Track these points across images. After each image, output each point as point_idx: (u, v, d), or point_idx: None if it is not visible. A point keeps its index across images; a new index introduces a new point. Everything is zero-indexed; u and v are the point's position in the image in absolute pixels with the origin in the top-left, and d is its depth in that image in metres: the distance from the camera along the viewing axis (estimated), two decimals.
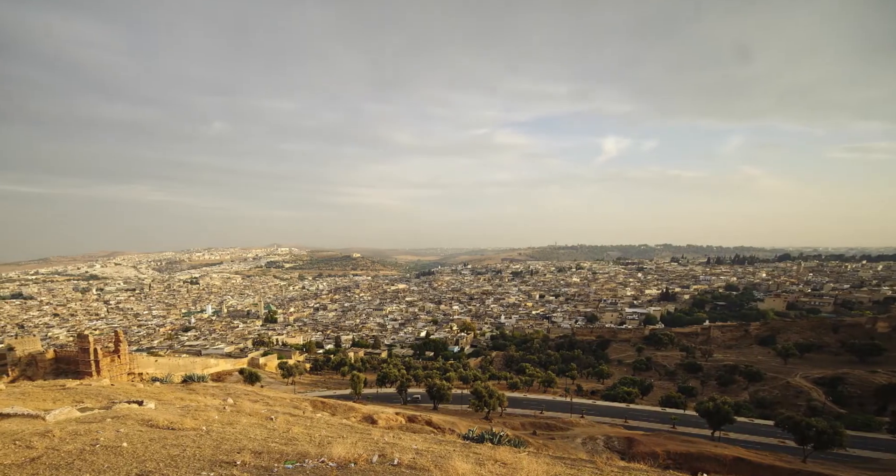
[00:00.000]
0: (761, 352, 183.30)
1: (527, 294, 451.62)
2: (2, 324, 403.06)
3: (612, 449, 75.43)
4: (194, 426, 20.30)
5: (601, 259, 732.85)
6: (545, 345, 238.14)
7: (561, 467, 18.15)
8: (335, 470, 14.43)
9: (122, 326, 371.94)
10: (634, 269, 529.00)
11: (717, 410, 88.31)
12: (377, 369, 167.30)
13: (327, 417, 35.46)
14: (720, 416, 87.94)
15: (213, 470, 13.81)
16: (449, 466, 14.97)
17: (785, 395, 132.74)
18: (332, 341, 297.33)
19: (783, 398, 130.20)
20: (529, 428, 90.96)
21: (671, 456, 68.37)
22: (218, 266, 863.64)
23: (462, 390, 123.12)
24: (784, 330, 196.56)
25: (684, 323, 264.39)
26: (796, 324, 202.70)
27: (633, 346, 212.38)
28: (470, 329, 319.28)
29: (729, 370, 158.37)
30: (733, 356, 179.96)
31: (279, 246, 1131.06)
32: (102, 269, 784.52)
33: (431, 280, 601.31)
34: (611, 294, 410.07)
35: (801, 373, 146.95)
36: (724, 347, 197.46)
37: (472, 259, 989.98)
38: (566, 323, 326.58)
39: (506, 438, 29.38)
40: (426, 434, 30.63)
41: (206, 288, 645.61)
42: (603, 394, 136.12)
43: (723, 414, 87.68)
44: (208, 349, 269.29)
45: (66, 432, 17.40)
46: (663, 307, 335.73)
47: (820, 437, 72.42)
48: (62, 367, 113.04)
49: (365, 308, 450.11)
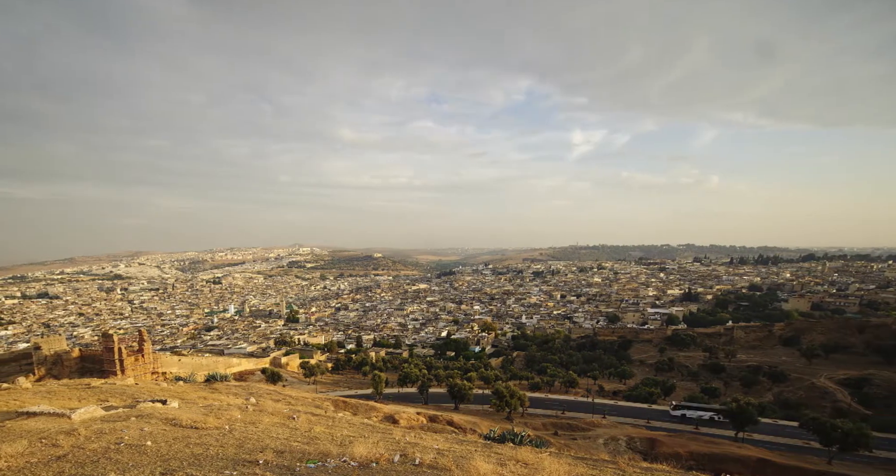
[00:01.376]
0: (785, 352, 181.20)
1: (548, 294, 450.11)
2: (28, 323, 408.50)
3: (635, 450, 75.05)
4: (217, 425, 20.42)
5: (623, 259, 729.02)
6: (567, 345, 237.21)
7: (583, 468, 18.08)
8: (357, 469, 14.48)
9: (146, 326, 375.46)
10: (656, 270, 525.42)
11: (740, 411, 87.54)
12: (398, 369, 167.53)
13: (349, 417, 35.55)
14: (744, 417, 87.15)
15: (236, 469, 13.89)
16: (470, 466, 14.96)
17: (810, 396, 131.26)
18: (354, 341, 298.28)
19: (808, 399, 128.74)
20: (551, 428, 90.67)
21: (694, 457, 67.85)
22: (240, 266, 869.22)
23: (483, 390, 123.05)
24: (808, 330, 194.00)
25: (707, 323, 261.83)
26: (821, 324, 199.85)
27: (655, 346, 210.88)
28: (491, 329, 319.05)
29: (752, 371, 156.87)
30: (757, 357, 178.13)
31: (301, 246, 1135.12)
32: (127, 268, 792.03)
33: (452, 280, 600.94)
34: (633, 294, 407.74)
35: (826, 374, 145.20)
36: (748, 348, 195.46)
37: (492, 259, 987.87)
38: (588, 323, 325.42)
39: (527, 439, 29.30)
40: (447, 434, 30.62)
41: (229, 288, 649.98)
42: (625, 394, 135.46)
43: (746, 415, 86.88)
44: (231, 349, 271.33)
45: (92, 431, 17.57)
46: (686, 307, 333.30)
47: (845, 438, 71.59)
48: (87, 365, 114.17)
49: (386, 308, 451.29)
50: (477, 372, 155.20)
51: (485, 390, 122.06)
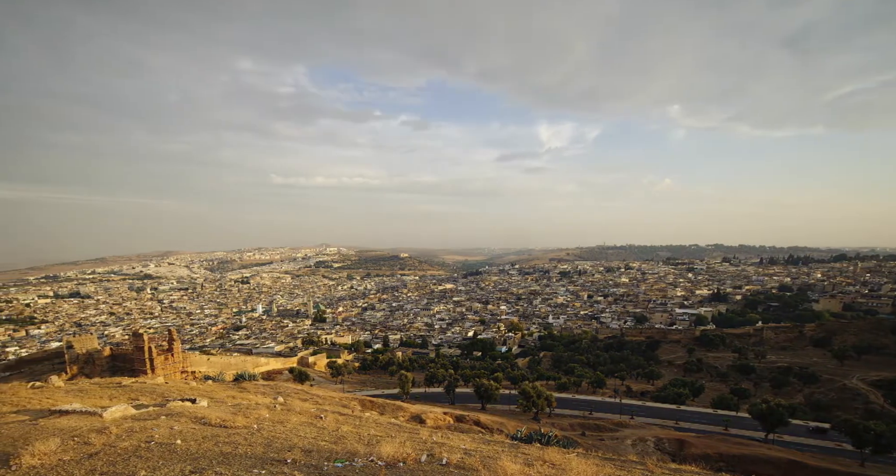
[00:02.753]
0: (816, 353, 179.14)
1: (575, 294, 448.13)
2: (60, 322, 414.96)
3: (663, 450, 74.43)
4: (245, 424, 20.56)
5: (650, 259, 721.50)
6: (594, 345, 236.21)
7: (610, 468, 17.99)
8: (384, 469, 14.52)
9: (176, 325, 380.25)
10: (685, 270, 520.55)
11: (770, 412, 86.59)
12: (425, 369, 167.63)
13: (376, 416, 35.63)
14: (774, 418, 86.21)
15: (264, 468, 13.98)
16: (497, 467, 14.94)
17: (841, 397, 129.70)
18: (381, 341, 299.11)
19: (839, 401, 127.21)
20: (578, 429, 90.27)
21: (724, 458, 67.11)
22: (268, 266, 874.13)
23: (510, 390, 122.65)
24: (840, 331, 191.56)
25: (736, 324, 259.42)
26: (853, 325, 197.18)
27: (683, 347, 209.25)
28: (517, 329, 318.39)
29: (783, 372, 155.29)
30: (787, 358, 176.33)
31: (328, 246, 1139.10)
32: (156, 268, 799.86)
33: (479, 280, 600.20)
34: (660, 294, 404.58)
35: (858, 375, 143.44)
36: (778, 349, 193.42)
37: (519, 259, 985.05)
38: (615, 323, 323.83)
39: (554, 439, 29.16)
40: (474, 434, 30.60)
41: (257, 287, 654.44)
42: (653, 395, 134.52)
43: (777, 416, 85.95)
44: (259, 348, 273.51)
45: (122, 429, 17.77)
46: (714, 308, 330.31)
47: (878, 440, 70.67)
48: (118, 364, 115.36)
49: (412, 308, 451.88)
50: (504, 372, 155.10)
51: (511, 390, 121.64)
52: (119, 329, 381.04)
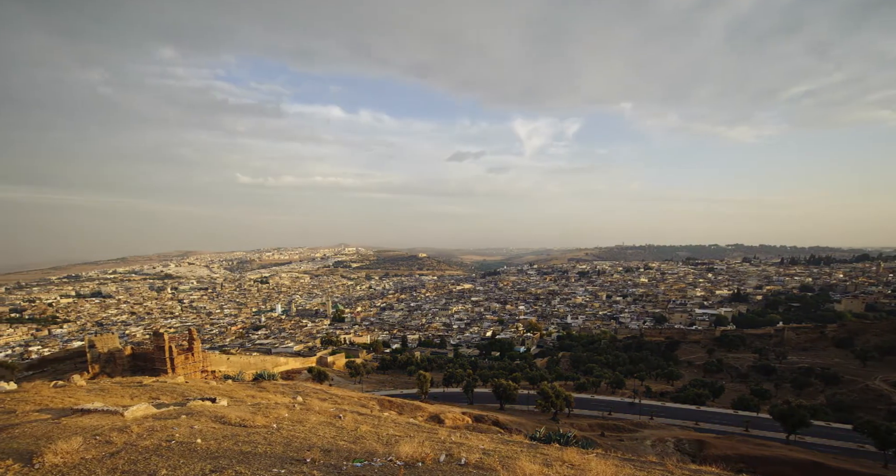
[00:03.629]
0: (838, 354, 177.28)
1: (593, 294, 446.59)
2: (82, 321, 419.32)
3: (683, 451, 74.06)
4: (265, 423, 20.63)
5: (670, 259, 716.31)
6: (613, 345, 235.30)
7: (630, 469, 17.90)
8: (403, 469, 14.50)
9: (196, 325, 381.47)
10: (704, 270, 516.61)
11: (792, 413, 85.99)
12: (443, 369, 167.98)
13: (394, 416, 35.65)
14: (795, 419, 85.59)
15: (283, 467, 14.01)
16: (516, 467, 14.88)
17: (864, 398, 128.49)
18: (399, 340, 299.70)
19: (862, 402, 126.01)
20: (597, 429, 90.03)
21: (744, 459, 66.61)
22: (287, 265, 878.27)
23: (529, 391, 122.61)
24: (862, 332, 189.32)
25: (757, 324, 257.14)
26: (876, 326, 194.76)
27: (703, 347, 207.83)
28: (536, 329, 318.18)
29: (804, 373, 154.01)
30: (808, 358, 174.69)
31: (346, 246, 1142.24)
32: (176, 268, 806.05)
33: (497, 280, 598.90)
34: (680, 295, 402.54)
35: (881, 376, 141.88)
36: (799, 350, 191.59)
37: (537, 259, 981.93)
38: (634, 324, 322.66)
39: (573, 439, 29.09)
40: (493, 434, 30.54)
41: (276, 287, 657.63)
42: (672, 395, 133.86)
43: (798, 417, 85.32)
44: (278, 347, 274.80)
45: (143, 428, 17.88)
46: (734, 308, 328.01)
47: None
48: (139, 364, 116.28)
49: (431, 308, 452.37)
50: (522, 372, 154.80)
51: (530, 391, 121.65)
52: (140, 328, 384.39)
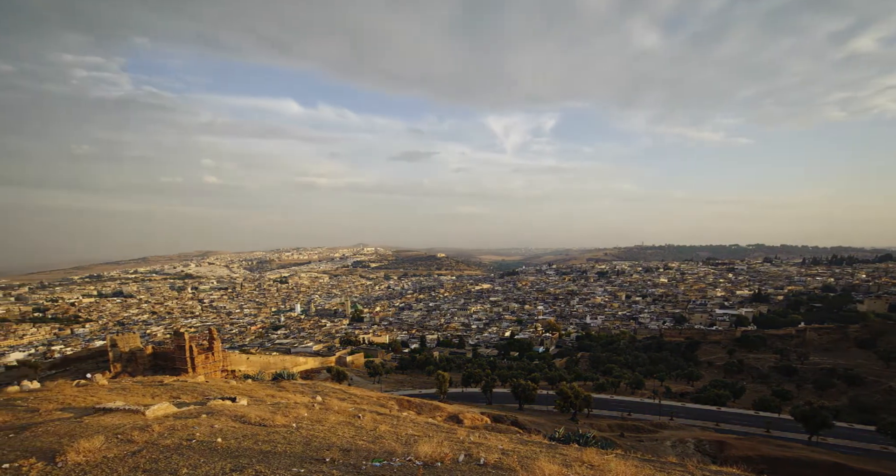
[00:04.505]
0: (861, 355, 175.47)
1: (612, 294, 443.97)
2: (104, 321, 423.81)
3: (704, 452, 73.59)
4: (285, 423, 20.73)
5: (690, 259, 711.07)
6: (632, 346, 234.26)
7: (650, 470, 17.81)
8: (422, 469, 14.52)
9: (216, 324, 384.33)
10: (725, 270, 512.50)
11: (814, 414, 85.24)
12: (462, 369, 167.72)
13: (413, 416, 35.67)
14: (818, 420, 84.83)
15: (303, 466, 14.06)
16: (535, 467, 14.83)
17: (887, 400, 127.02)
18: (418, 340, 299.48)
19: (885, 403, 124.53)
20: (617, 430, 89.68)
21: (766, 460, 66.09)
22: (306, 265, 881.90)
23: (548, 391, 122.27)
24: (886, 332, 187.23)
25: (778, 325, 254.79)
26: None
27: (723, 347, 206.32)
28: (555, 329, 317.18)
29: (826, 373, 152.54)
30: (831, 359, 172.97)
31: (365, 246, 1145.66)
32: (197, 268, 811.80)
33: (515, 280, 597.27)
34: (700, 295, 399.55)
35: None
36: (821, 350, 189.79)
37: (556, 259, 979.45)
38: (653, 324, 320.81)
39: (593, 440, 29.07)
40: (512, 434, 30.48)
41: (295, 287, 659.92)
42: (693, 396, 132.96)
43: (820, 418, 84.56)
44: (297, 347, 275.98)
45: (164, 427, 18.02)
46: (755, 308, 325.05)
47: None
48: (159, 363, 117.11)
49: (449, 308, 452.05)
50: (541, 372, 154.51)
51: (549, 391, 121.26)
52: (161, 328, 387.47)
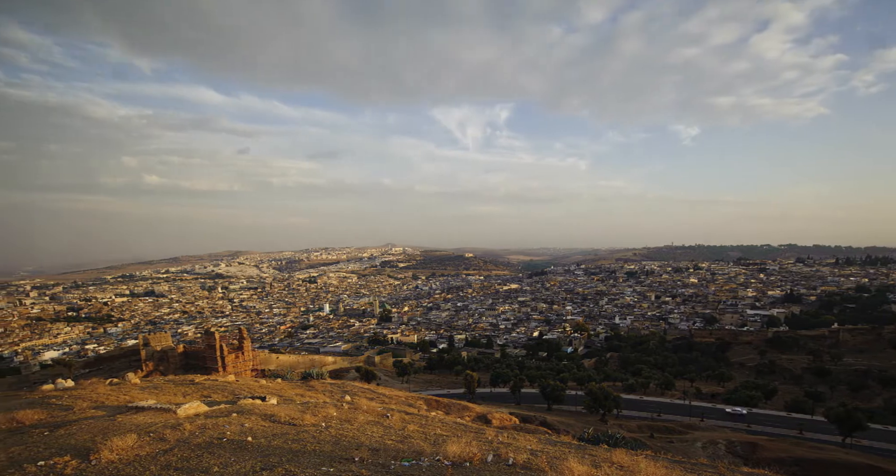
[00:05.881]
0: None
1: (642, 295, 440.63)
2: (136, 320, 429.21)
3: (735, 454, 72.82)
4: (314, 422, 20.83)
5: (720, 260, 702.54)
6: (662, 346, 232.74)
7: (680, 471, 17.69)
8: (451, 468, 14.49)
9: (246, 324, 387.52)
10: (756, 270, 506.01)
11: (848, 416, 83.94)
12: (490, 369, 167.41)
13: (441, 416, 35.68)
14: (852, 422, 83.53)
15: (332, 465, 14.11)
16: (564, 468, 14.76)
17: None
18: (446, 340, 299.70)
19: None
20: (646, 430, 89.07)
21: (799, 462, 65.27)
22: (334, 265, 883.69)
23: (576, 391, 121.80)
24: None
25: (810, 326, 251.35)
26: None
27: (754, 348, 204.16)
28: (583, 329, 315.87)
29: (861, 375, 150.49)
30: (865, 360, 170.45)
31: (393, 246, 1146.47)
32: (227, 268, 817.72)
33: (544, 280, 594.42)
34: (730, 295, 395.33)
35: None
36: (855, 351, 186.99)
37: (584, 259, 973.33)
38: (683, 324, 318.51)
39: (622, 440, 28.89)
40: (540, 435, 30.37)
41: (324, 287, 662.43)
42: (723, 397, 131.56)
43: (854, 420, 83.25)
44: (326, 347, 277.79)
45: (195, 426, 18.20)
46: (787, 309, 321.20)
47: None
48: (190, 362, 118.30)
49: (477, 308, 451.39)
50: (570, 373, 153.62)
51: (578, 391, 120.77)
52: (191, 327, 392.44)
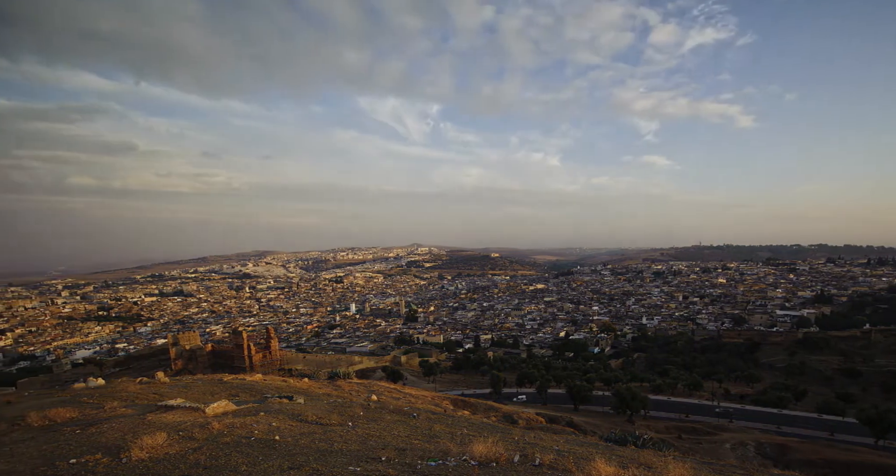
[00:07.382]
0: None
1: (669, 295, 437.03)
2: (165, 320, 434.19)
3: (764, 455, 71.96)
4: (340, 422, 20.93)
5: (749, 260, 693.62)
6: (689, 347, 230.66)
7: (708, 473, 17.49)
8: (477, 468, 14.45)
9: (273, 323, 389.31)
10: (786, 270, 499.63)
11: (880, 418, 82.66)
12: (516, 369, 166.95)
13: (467, 416, 35.72)
14: (884, 423, 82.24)
15: (359, 465, 14.14)
16: (591, 468, 14.63)
17: None
18: (472, 340, 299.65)
19: None
20: (674, 431, 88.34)
21: (829, 464, 64.33)
22: (361, 265, 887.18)
23: (603, 392, 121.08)
24: None
25: (841, 326, 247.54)
26: None
27: (784, 349, 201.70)
28: (610, 330, 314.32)
29: (893, 376, 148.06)
30: None
31: (419, 246, 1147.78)
32: (254, 267, 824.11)
33: (570, 280, 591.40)
34: (759, 296, 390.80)
35: None
36: (888, 353, 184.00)
37: (611, 259, 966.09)
38: (711, 325, 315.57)
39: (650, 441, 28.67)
40: (567, 435, 30.28)
41: (350, 287, 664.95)
42: (753, 398, 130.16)
43: (887, 422, 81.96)
44: (352, 347, 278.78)
45: (224, 425, 18.35)
46: (818, 310, 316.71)
47: None
48: (218, 361, 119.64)
49: (503, 308, 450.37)
50: (596, 373, 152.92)
51: (604, 392, 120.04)
52: (220, 327, 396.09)
